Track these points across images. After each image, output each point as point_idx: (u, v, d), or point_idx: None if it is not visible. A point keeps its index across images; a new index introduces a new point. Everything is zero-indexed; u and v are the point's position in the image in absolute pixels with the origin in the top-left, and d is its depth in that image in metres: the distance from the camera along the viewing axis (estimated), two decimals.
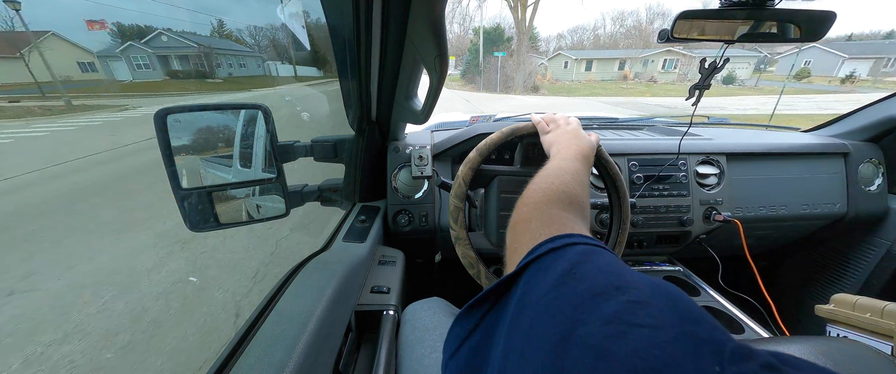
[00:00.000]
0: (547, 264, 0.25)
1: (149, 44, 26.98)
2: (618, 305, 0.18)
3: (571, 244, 0.26)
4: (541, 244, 0.27)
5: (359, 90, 0.75)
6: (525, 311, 0.22)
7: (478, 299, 0.26)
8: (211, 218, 0.71)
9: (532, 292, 0.23)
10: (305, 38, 0.95)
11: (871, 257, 1.16)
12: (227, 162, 0.91)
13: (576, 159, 0.52)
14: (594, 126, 1.28)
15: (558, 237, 0.28)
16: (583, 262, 0.23)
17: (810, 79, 27.17)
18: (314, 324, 0.48)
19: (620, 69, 28.80)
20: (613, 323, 0.17)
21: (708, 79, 0.71)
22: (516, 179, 0.73)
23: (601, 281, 0.21)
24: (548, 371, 0.17)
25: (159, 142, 0.59)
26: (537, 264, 0.25)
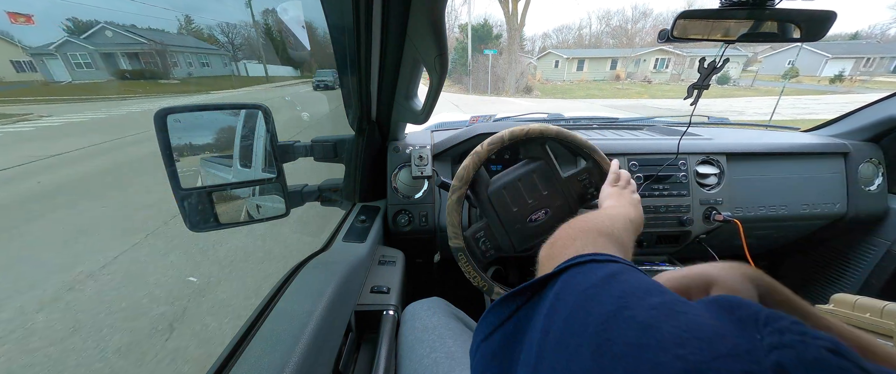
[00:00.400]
0: (587, 270, 0.25)
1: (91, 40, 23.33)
2: (663, 298, 0.19)
3: (613, 261, 0.27)
4: (582, 255, 0.28)
5: (359, 90, 0.75)
6: (565, 301, 0.22)
7: (514, 291, 0.27)
8: (211, 218, 0.71)
9: (573, 287, 0.23)
10: (305, 37, 0.95)
11: (870, 256, 1.16)
12: (227, 162, 0.91)
13: (629, 220, 0.53)
14: (594, 126, 1.28)
15: (600, 254, 0.28)
16: (623, 273, 0.24)
17: (799, 78, 27.47)
18: (314, 324, 0.48)
19: (612, 69, 28.16)
20: (659, 309, 0.18)
21: (707, 78, 0.71)
22: (517, 184, 0.74)
23: (646, 285, 0.21)
24: (592, 342, 0.18)
25: (159, 142, 0.59)
26: (577, 269, 0.26)
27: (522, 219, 0.71)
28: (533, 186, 0.74)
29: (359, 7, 0.55)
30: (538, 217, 0.73)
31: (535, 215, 0.73)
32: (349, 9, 0.56)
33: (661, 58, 28.18)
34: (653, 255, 1.16)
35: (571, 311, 0.21)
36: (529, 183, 0.74)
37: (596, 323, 0.19)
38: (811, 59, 28.24)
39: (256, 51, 27.76)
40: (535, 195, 0.74)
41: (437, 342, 0.60)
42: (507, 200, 0.73)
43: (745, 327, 0.16)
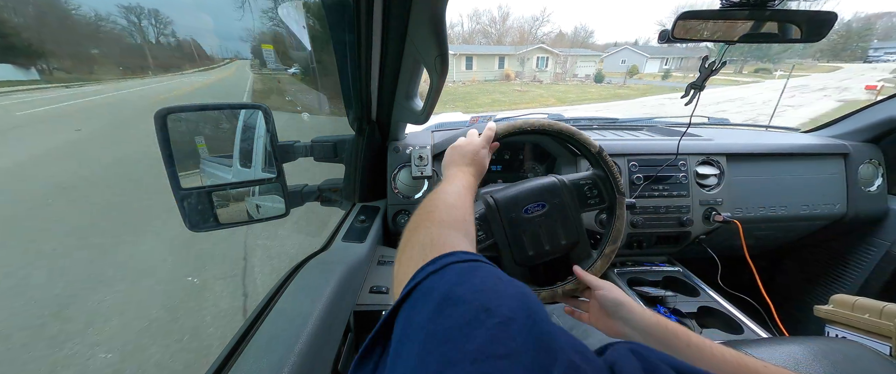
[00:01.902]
0: (427, 288, 0.25)
1: None
2: (485, 333, 0.20)
3: (451, 264, 0.27)
4: (421, 269, 0.28)
5: (359, 90, 0.75)
6: (402, 351, 0.22)
7: (365, 347, 0.26)
8: (210, 218, 0.71)
9: (410, 326, 0.23)
10: (306, 38, 0.95)
11: (870, 257, 1.16)
12: (227, 162, 0.91)
13: (457, 175, 0.53)
14: (594, 127, 1.28)
15: (438, 259, 0.28)
16: (460, 283, 0.24)
17: (640, 75, 31.53)
18: (313, 324, 0.48)
19: (501, 68, 27.06)
20: (478, 361, 0.19)
21: (705, 79, 0.71)
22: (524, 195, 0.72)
23: (474, 304, 0.22)
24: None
25: (159, 142, 0.59)
26: (417, 291, 0.25)
27: (517, 209, 0.69)
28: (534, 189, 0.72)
29: (359, 7, 0.55)
30: (535, 210, 0.71)
31: (533, 209, 0.70)
32: (349, 9, 0.56)
33: (542, 57, 28.18)
34: (653, 255, 1.16)
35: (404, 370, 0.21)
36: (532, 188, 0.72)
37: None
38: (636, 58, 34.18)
39: None
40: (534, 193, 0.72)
41: None
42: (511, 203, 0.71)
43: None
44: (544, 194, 0.69)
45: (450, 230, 0.38)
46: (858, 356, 0.55)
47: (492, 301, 0.22)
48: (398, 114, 0.87)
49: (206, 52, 51.74)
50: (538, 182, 0.71)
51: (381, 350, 0.25)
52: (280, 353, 0.42)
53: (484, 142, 0.63)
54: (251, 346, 0.44)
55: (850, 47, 57.49)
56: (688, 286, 1.01)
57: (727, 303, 0.92)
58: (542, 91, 19.47)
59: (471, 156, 0.60)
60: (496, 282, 0.24)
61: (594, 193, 0.72)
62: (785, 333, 0.93)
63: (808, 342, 0.58)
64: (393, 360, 0.22)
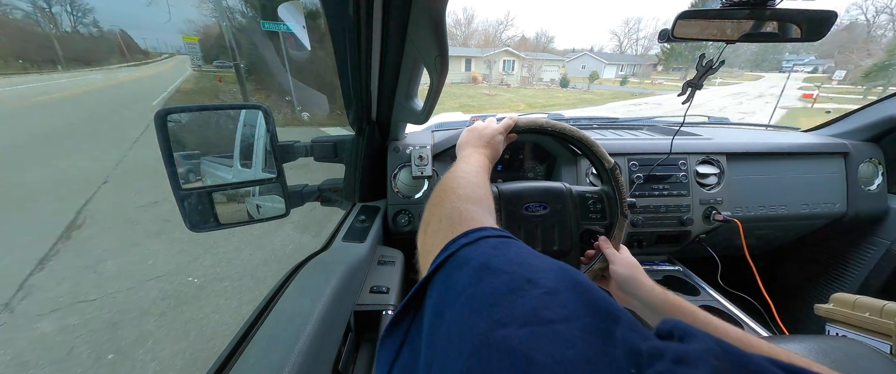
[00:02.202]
0: (462, 258, 0.25)
1: None
2: (532, 300, 0.19)
3: (484, 237, 0.26)
4: (453, 241, 0.27)
5: (359, 90, 0.75)
6: (444, 313, 0.21)
7: (398, 313, 0.25)
8: (211, 218, 0.71)
9: (450, 291, 0.22)
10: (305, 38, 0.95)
11: (870, 256, 1.16)
12: (227, 162, 0.91)
13: (473, 155, 0.54)
14: (594, 126, 1.28)
15: (470, 232, 0.28)
16: (496, 255, 0.24)
17: (600, 80, 33.83)
18: (313, 324, 0.48)
19: (467, 70, 26.34)
20: (530, 324, 0.18)
21: (702, 77, 0.71)
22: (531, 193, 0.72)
23: (516, 274, 0.21)
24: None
25: (159, 142, 0.59)
26: (452, 261, 0.25)
27: (519, 205, 0.69)
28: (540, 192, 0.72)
29: (359, 7, 0.55)
30: (535, 210, 0.71)
31: (534, 208, 0.70)
32: (349, 9, 0.56)
33: (508, 60, 28.08)
34: (653, 254, 1.16)
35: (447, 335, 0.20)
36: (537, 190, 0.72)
37: (471, 351, 0.18)
38: (594, 64, 37.03)
39: None
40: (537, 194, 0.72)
41: None
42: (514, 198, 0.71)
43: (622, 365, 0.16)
44: (548, 196, 0.70)
45: (476, 206, 0.37)
46: (859, 355, 0.55)
47: (533, 273, 0.21)
48: (398, 114, 0.87)
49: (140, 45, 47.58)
50: (545, 184, 0.71)
51: (412, 317, 0.24)
52: (280, 353, 0.42)
53: (502, 128, 0.63)
54: (252, 346, 0.44)
55: (767, 59, 69.13)
56: (688, 285, 1.01)
57: (727, 302, 0.92)
58: (511, 95, 19.10)
59: (487, 139, 0.60)
60: (532, 257, 0.24)
61: (598, 207, 0.72)
62: (785, 331, 0.93)
63: (809, 341, 0.58)
64: (433, 323, 0.21)
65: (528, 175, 1.16)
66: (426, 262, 0.30)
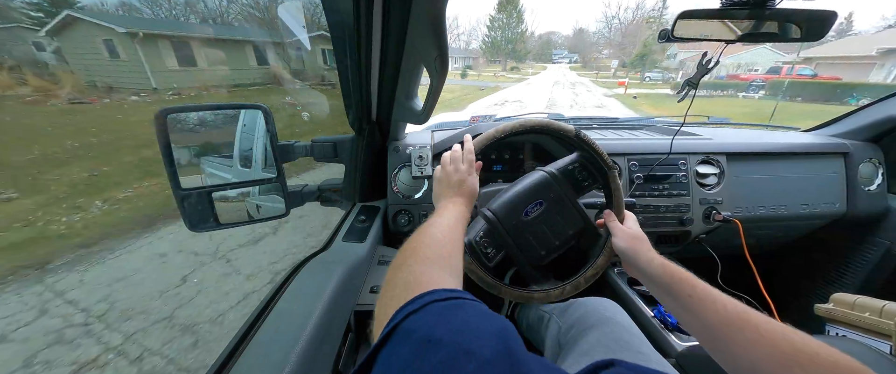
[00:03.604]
0: (406, 330, 0.25)
1: None
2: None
3: (431, 303, 0.27)
4: (401, 309, 0.27)
5: (359, 90, 0.75)
6: None
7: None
8: (211, 218, 0.71)
9: (390, 370, 0.23)
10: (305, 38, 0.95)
11: (870, 256, 1.16)
12: (227, 162, 0.91)
13: (447, 207, 0.53)
14: (594, 126, 1.28)
15: (417, 298, 0.28)
16: (439, 324, 0.24)
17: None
18: (313, 324, 0.48)
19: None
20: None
21: (701, 76, 0.71)
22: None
23: (455, 346, 0.22)
24: None
25: (159, 142, 0.59)
26: (397, 332, 0.25)
27: (517, 215, 0.69)
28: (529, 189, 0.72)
29: (359, 7, 0.55)
30: (534, 210, 0.71)
31: (532, 210, 0.70)
32: (349, 9, 0.56)
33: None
34: None
35: None
36: (527, 189, 0.72)
37: None
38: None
39: None
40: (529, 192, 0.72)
41: None
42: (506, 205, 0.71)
43: None
44: (539, 191, 0.69)
45: (433, 267, 0.37)
46: (858, 355, 0.55)
47: (472, 343, 0.22)
48: (398, 114, 0.87)
49: None
50: (530, 181, 0.70)
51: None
52: (280, 353, 0.42)
53: (468, 168, 0.63)
54: (252, 346, 0.44)
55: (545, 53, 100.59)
56: None
57: None
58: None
59: (457, 186, 0.60)
60: (477, 320, 0.24)
61: (584, 174, 0.71)
62: None
63: None
64: None
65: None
66: (377, 332, 0.30)
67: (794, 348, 0.33)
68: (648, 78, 33.51)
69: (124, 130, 5.98)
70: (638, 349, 0.61)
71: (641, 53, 43.78)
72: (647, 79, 33.13)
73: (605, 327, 0.66)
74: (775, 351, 0.34)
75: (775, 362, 0.33)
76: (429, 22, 0.50)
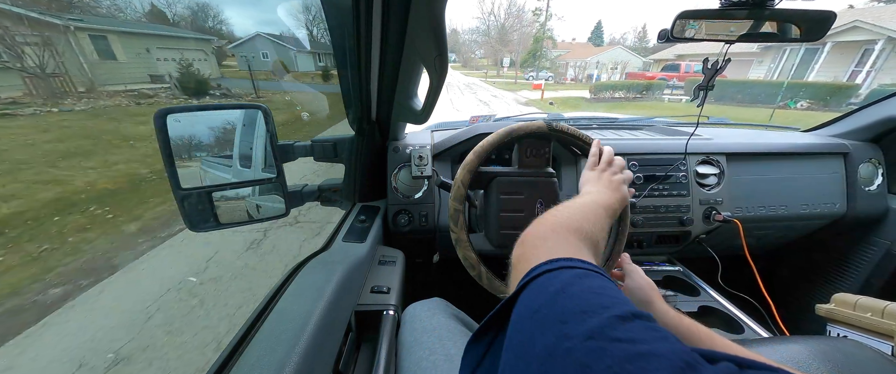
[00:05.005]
0: (543, 283, 0.26)
1: None
2: (601, 320, 0.20)
3: (570, 267, 0.27)
4: (542, 264, 0.28)
5: (359, 90, 0.75)
6: (519, 328, 0.23)
7: (484, 324, 0.27)
8: (211, 218, 0.71)
9: (528, 310, 0.24)
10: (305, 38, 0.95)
11: (870, 256, 1.16)
12: (227, 162, 0.91)
13: (603, 208, 0.51)
14: (594, 126, 1.28)
15: (561, 259, 0.29)
16: (575, 283, 0.25)
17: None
18: (314, 324, 0.47)
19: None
20: (595, 338, 0.19)
21: (711, 79, 0.71)
22: (515, 180, 0.72)
23: (590, 300, 0.22)
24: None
25: (159, 142, 0.59)
26: (535, 283, 0.26)
27: (516, 211, 0.69)
28: (521, 184, 0.72)
29: (359, 7, 0.55)
30: (538, 210, 0.71)
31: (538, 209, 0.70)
32: (349, 9, 0.56)
33: None
34: (653, 255, 1.16)
35: (519, 345, 0.22)
36: (514, 183, 0.72)
37: (539, 361, 0.20)
38: None
39: None
40: (521, 192, 0.72)
41: (437, 344, 0.60)
42: (499, 201, 0.71)
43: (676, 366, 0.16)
44: (526, 186, 0.71)
45: (580, 240, 0.38)
46: (860, 356, 0.55)
47: (607, 302, 0.22)
48: (398, 114, 0.87)
49: None
50: (555, 183, 0.71)
51: (494, 333, 0.26)
52: (281, 353, 0.42)
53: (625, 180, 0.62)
54: (252, 346, 0.44)
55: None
56: (688, 286, 1.01)
57: (728, 302, 0.91)
58: None
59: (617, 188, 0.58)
60: (612, 290, 0.25)
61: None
62: (785, 332, 0.93)
63: (810, 342, 0.58)
64: (511, 337, 0.23)
65: None
66: (517, 273, 0.32)
67: None
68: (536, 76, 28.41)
69: None
70: None
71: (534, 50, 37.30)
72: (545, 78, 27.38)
73: None
74: None
75: None
76: (428, 22, 0.51)
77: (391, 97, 0.79)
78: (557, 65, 33.35)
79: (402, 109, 0.83)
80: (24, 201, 3.30)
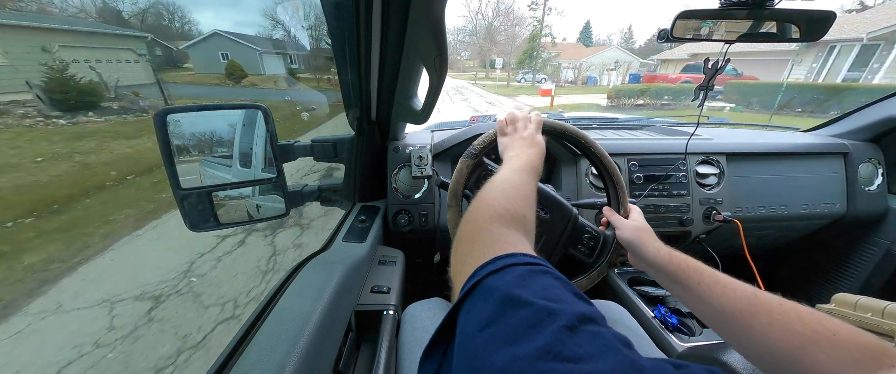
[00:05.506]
0: (487, 289, 0.25)
1: None
2: (548, 336, 0.20)
3: (511, 266, 0.27)
4: (481, 267, 0.28)
5: (359, 90, 0.75)
6: (467, 346, 0.22)
7: (433, 339, 0.26)
8: (211, 218, 0.70)
9: (471, 324, 0.23)
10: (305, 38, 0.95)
11: (870, 256, 1.16)
12: (227, 162, 0.91)
13: (523, 171, 0.51)
14: (594, 126, 1.28)
15: (498, 259, 0.28)
16: (520, 285, 0.24)
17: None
18: (314, 324, 0.47)
19: None
20: (543, 359, 0.19)
21: (711, 79, 0.71)
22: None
23: (537, 307, 0.22)
24: None
25: (159, 142, 0.59)
26: (478, 289, 0.26)
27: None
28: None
29: (359, 7, 0.55)
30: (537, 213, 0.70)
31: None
32: (349, 9, 0.56)
33: None
34: None
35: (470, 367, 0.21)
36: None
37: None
38: None
39: None
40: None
41: None
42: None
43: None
44: (552, 205, 0.68)
45: (508, 228, 0.37)
46: None
47: (556, 308, 0.22)
48: (398, 114, 0.87)
49: None
50: (556, 194, 0.69)
51: (444, 348, 0.25)
52: (281, 353, 0.42)
53: (536, 128, 0.62)
54: (252, 346, 0.44)
55: None
56: None
57: None
58: None
59: (530, 139, 0.58)
60: (557, 289, 0.24)
61: (589, 244, 0.69)
62: None
63: None
64: (460, 354, 0.22)
65: None
66: (457, 282, 0.31)
67: (810, 328, 0.34)
68: (533, 79, 26.91)
69: None
70: (647, 353, 0.61)
71: (529, 50, 32.34)
72: (539, 81, 25.84)
73: (615, 329, 0.66)
74: (790, 334, 0.34)
75: (791, 344, 0.34)
76: (428, 22, 0.51)
77: (391, 97, 0.79)
78: (551, 66, 31.59)
79: (402, 109, 0.83)
80: None
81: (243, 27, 49.88)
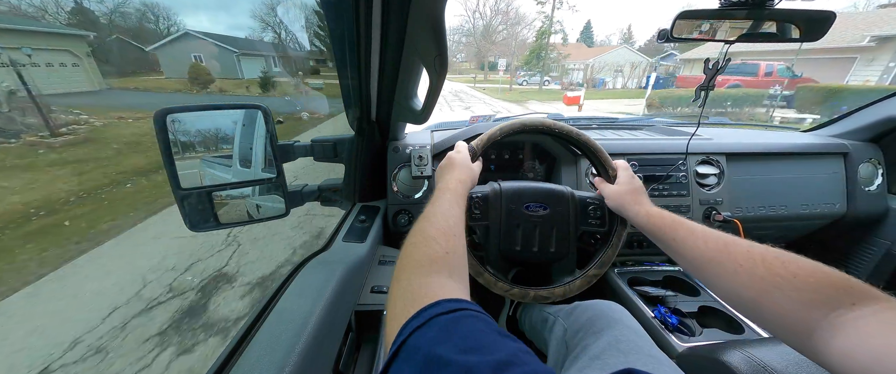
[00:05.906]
0: (411, 348, 0.26)
1: None
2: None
3: (435, 316, 0.27)
4: (406, 324, 0.28)
5: (359, 90, 0.75)
6: None
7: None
8: (211, 218, 0.71)
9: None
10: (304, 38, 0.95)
11: (870, 257, 1.16)
12: (227, 162, 0.91)
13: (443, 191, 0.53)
14: (593, 126, 1.28)
15: (422, 311, 0.28)
16: (443, 340, 0.25)
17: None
18: (314, 324, 0.47)
19: None
20: None
21: (711, 79, 0.71)
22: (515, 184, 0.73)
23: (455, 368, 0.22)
24: None
25: (159, 142, 0.59)
26: (403, 350, 0.26)
27: (520, 202, 0.69)
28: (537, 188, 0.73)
29: (359, 7, 0.55)
30: (536, 210, 0.71)
31: (535, 208, 0.70)
32: (349, 9, 0.56)
33: None
34: (653, 255, 1.16)
35: None
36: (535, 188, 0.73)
37: None
38: None
39: None
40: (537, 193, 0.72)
41: None
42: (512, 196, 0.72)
43: None
44: (551, 197, 0.70)
45: (431, 273, 0.37)
46: None
47: (474, 362, 0.22)
48: (398, 114, 0.87)
49: None
50: (548, 186, 0.71)
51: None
52: (281, 353, 0.42)
53: (471, 155, 0.66)
54: (252, 346, 0.44)
55: None
56: (688, 286, 1.01)
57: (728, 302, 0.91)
58: None
59: (458, 167, 0.62)
60: (480, 333, 0.25)
61: (597, 214, 0.72)
62: None
63: None
64: None
65: (527, 175, 1.16)
66: (388, 342, 0.31)
67: (772, 272, 0.36)
68: (541, 82, 25.02)
69: None
70: (649, 353, 0.61)
71: (536, 50, 29.51)
72: (545, 84, 24.27)
73: (615, 330, 0.66)
74: (753, 279, 0.37)
75: (754, 290, 0.37)
76: (428, 22, 0.51)
77: (391, 97, 0.79)
78: (559, 67, 28.56)
79: (402, 109, 0.83)
80: None
81: (239, 30, 48.59)
